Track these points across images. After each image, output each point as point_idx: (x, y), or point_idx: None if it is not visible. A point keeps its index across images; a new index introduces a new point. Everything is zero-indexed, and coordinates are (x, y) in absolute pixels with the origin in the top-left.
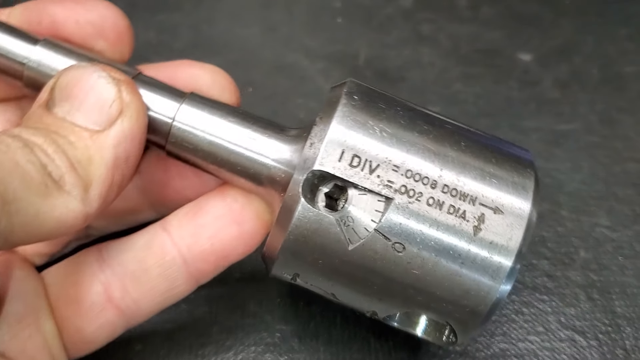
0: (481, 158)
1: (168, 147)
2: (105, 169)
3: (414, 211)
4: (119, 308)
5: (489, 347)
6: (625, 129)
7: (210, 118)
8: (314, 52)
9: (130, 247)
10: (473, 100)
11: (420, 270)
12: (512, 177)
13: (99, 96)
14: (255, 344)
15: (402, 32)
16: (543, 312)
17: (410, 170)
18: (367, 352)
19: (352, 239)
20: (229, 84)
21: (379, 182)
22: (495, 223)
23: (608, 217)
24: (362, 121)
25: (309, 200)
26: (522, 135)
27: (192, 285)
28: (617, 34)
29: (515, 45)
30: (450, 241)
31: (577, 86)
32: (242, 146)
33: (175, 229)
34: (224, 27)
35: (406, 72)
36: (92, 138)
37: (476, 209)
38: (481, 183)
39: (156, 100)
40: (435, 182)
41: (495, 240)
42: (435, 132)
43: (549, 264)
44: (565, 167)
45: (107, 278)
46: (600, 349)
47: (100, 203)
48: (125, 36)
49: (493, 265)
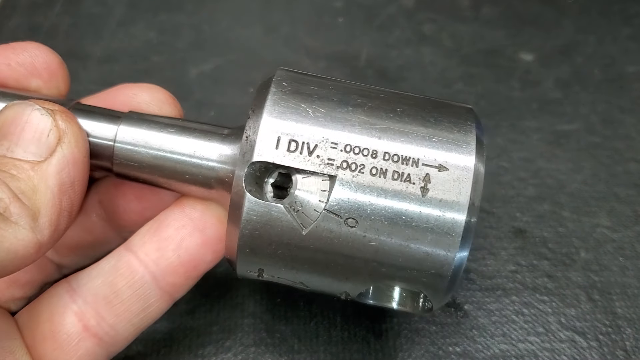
0: (419, 120)
1: (115, 169)
2: (52, 196)
3: (359, 184)
4: (97, 336)
5: (489, 348)
6: (626, 129)
7: (149, 133)
8: (315, 52)
9: (98, 273)
10: (474, 100)
11: (377, 242)
12: (452, 133)
13: (36, 128)
14: (255, 344)
15: (403, 32)
16: (543, 312)
17: (349, 145)
18: (367, 353)
19: (304, 223)
20: (168, 98)
21: (319, 162)
22: (441, 180)
23: (609, 217)
24: (294, 105)
25: (255, 193)
26: (523, 135)
27: (167, 302)
28: (619, 34)
29: (516, 45)
30: (400, 207)
31: (579, 86)
32: (185, 154)
33: (139, 247)
34: (225, 27)
35: (407, 71)
36: (34, 169)
37: (420, 170)
38: (421, 144)
39: (95, 126)
40: (376, 152)
41: (445, 198)
42: (370, 103)
43: (550, 264)
44: (567, 168)
45: (80, 307)
46: (601, 349)
47: (51, 230)
48: (58, 72)
49: (447, 223)
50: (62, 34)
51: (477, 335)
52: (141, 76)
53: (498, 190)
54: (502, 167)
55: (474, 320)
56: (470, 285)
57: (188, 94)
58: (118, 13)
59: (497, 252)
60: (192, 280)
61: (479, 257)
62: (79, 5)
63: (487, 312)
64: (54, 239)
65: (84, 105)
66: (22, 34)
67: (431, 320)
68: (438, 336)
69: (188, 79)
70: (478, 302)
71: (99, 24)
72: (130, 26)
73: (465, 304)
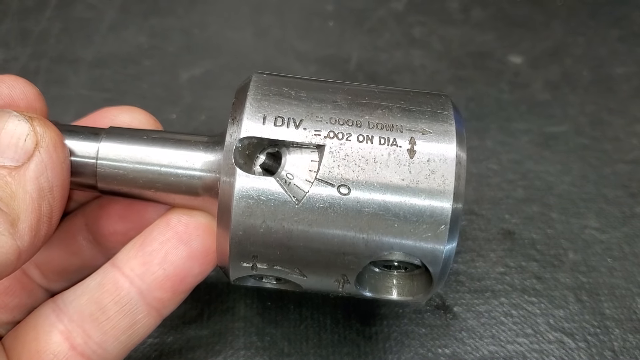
0: (397, 96)
1: (100, 186)
2: (31, 201)
3: (348, 151)
4: (84, 355)
5: (478, 350)
6: (615, 130)
7: (131, 147)
8: (306, 56)
9: (83, 291)
10: (464, 102)
11: (371, 207)
12: (429, 105)
13: (12, 134)
14: (245, 347)
15: (393, 35)
16: (532, 314)
17: (333, 117)
18: (356, 355)
19: (297, 196)
20: (148, 119)
21: (306, 134)
22: (426, 142)
23: (597, 218)
24: (276, 89)
25: (245, 169)
26: (512, 137)
27: (155, 318)
28: (608, 35)
29: (506, 48)
30: (390, 171)
31: (568, 88)
32: (169, 165)
33: (124, 263)
34: (215, 31)
35: (397, 75)
36: (11, 175)
37: (405, 135)
38: (403, 114)
39: (76, 145)
40: (360, 122)
41: (432, 156)
42: (349, 87)
43: (538, 265)
44: (555, 169)
45: (66, 326)
46: (589, 350)
47: (32, 237)
48: (35, 104)
49: (437, 180)
50: (53, 38)
51: (466, 337)
52: (132, 80)
53: (487, 192)
54: (491, 169)
55: (463, 322)
56: (459, 287)
57: (178, 98)
58: (109, 17)
59: (486, 254)
60: (179, 295)
61: (468, 259)
62: (70, 9)
63: (476, 314)
64: (34, 245)
65: (64, 125)
66: (12, 38)
67: (420, 323)
68: (427, 338)
69: (179, 83)
70: (467, 304)
71: (89, 29)
72: (121, 30)
73: (455, 306)
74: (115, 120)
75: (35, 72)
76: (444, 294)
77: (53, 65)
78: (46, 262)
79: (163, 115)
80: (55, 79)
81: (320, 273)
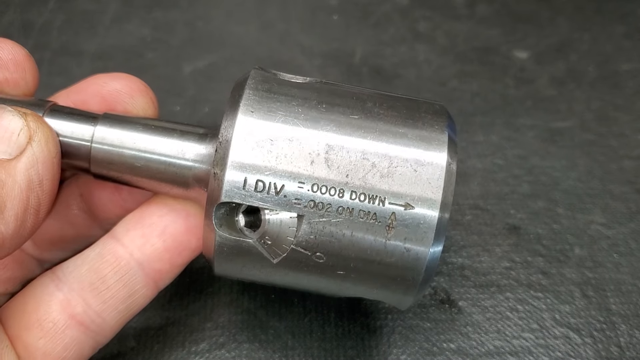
0: (391, 138)
1: (93, 169)
2: (19, 191)
3: (326, 224)
4: (84, 324)
5: (483, 345)
6: (621, 126)
7: (126, 133)
8: (310, 50)
9: (83, 261)
10: (469, 98)
11: (346, 270)
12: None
13: (6, 128)
14: (248, 340)
15: (398, 30)
16: (538, 309)
17: (316, 184)
18: (361, 349)
19: (274, 255)
20: (139, 85)
21: (286, 202)
22: (406, 220)
23: (603, 214)
24: (259, 142)
25: (225, 228)
26: (517, 132)
27: (152, 290)
28: (614, 31)
29: (511, 43)
30: (366, 242)
31: (573, 84)
32: (162, 153)
33: (123, 235)
34: (219, 24)
35: (402, 69)
36: (2, 166)
37: (387, 209)
38: (389, 176)
39: (72, 127)
40: (342, 191)
41: (409, 237)
42: (335, 126)
43: (544, 261)
44: (561, 165)
45: (66, 295)
46: (595, 346)
47: (17, 226)
48: (24, 65)
49: (411, 257)
50: (56, 30)
51: (471, 331)
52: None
53: (492, 187)
54: (497, 164)
55: (468, 317)
56: (465, 282)
57: (182, 91)
58: (112, 10)
59: (491, 248)
60: (176, 267)
61: (473, 254)
62: (73, 1)
63: (481, 309)
64: (19, 235)
65: (61, 107)
66: (15, 30)
67: (425, 317)
68: (432, 332)
69: (182, 75)
70: (472, 299)
71: (92, 21)
72: (124, 23)
73: (460, 301)
74: (105, 87)
75: (38, 64)
76: (448, 288)
77: (56, 57)
78: (41, 231)
79: (166, 107)
80: (58, 71)
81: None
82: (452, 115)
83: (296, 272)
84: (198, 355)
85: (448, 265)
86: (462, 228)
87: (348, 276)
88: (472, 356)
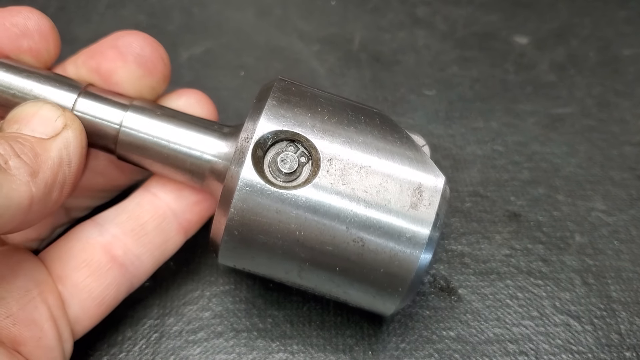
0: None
1: (118, 151)
2: (52, 164)
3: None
4: (123, 266)
5: (483, 332)
6: (622, 112)
7: (154, 122)
8: (308, 35)
9: (123, 210)
10: (469, 83)
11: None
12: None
13: (45, 115)
14: (247, 329)
15: (397, 15)
16: (538, 296)
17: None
18: (360, 338)
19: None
20: (152, 42)
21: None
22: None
23: (604, 201)
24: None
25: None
26: (517, 119)
27: (182, 238)
28: (615, 16)
29: (511, 28)
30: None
31: (574, 69)
32: (185, 145)
33: (158, 189)
34: (216, 10)
35: (401, 55)
36: (38, 142)
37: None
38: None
39: (105, 110)
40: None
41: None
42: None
43: (544, 248)
44: (562, 151)
45: (108, 240)
46: (595, 333)
47: (45, 192)
48: (49, 35)
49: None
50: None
51: (471, 319)
52: None
53: (492, 174)
54: (497, 150)
55: (468, 305)
56: (464, 269)
57: (179, 78)
58: None
59: (491, 236)
60: (204, 219)
61: (473, 241)
62: None
63: (481, 296)
64: (44, 203)
65: (95, 89)
66: None
67: (425, 305)
68: (432, 320)
69: (179, 62)
70: (472, 286)
71: (87, 7)
72: (120, 9)
73: (459, 288)
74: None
75: None
76: (448, 275)
77: None
78: None
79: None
80: None
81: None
82: (452, 101)
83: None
84: (196, 344)
85: (448, 252)
86: (462, 215)
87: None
88: (471, 344)
